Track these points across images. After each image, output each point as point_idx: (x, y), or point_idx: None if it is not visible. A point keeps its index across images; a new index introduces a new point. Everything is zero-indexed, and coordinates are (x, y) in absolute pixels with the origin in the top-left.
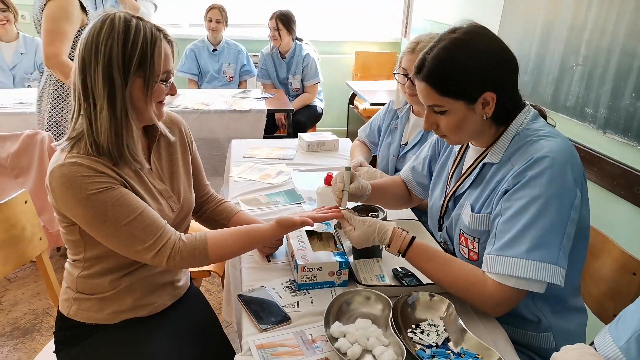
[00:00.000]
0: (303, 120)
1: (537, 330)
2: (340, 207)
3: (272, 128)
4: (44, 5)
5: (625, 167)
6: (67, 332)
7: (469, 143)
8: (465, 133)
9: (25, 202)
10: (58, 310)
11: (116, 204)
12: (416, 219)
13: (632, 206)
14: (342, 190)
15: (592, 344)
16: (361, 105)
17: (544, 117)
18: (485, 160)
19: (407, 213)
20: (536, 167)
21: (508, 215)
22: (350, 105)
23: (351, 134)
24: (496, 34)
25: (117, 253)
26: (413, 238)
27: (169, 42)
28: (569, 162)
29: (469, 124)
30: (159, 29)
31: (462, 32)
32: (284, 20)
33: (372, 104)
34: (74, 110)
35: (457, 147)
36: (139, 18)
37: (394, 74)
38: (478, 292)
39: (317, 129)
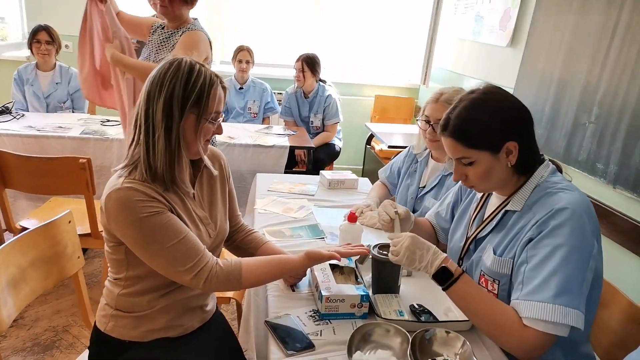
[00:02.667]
0: (322, 157)
1: None
2: (395, 233)
3: (292, 163)
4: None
5: (635, 222)
6: (102, 346)
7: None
8: (493, 181)
9: (69, 222)
10: (94, 325)
11: (164, 227)
12: None
13: None
14: (392, 219)
15: None
16: (377, 146)
17: (560, 171)
18: (507, 208)
19: None
20: (558, 218)
21: (534, 263)
22: (368, 146)
23: (367, 173)
24: (511, 90)
25: (156, 273)
26: (464, 270)
27: (224, 88)
28: (586, 214)
29: (495, 172)
30: (217, 76)
31: (479, 92)
32: (309, 63)
33: (390, 146)
34: (133, 138)
35: (479, 194)
36: (201, 64)
37: (417, 120)
38: (515, 334)
39: (334, 166)
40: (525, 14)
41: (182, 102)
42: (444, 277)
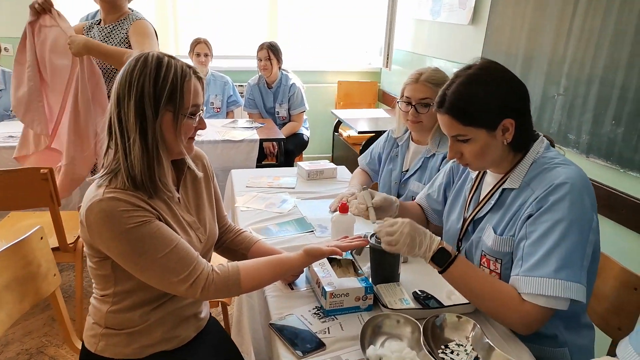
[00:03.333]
0: (291, 148)
1: (554, 345)
2: (371, 220)
3: (261, 156)
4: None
5: (609, 189)
6: None
7: (486, 170)
8: (488, 159)
9: (41, 238)
10: (83, 346)
11: (153, 236)
12: None
13: (617, 225)
14: (367, 208)
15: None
16: (345, 132)
17: (552, 145)
18: (504, 186)
19: None
20: (557, 193)
21: (534, 239)
22: (335, 133)
23: (337, 159)
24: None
25: (147, 286)
26: (459, 251)
27: (199, 79)
28: (585, 188)
29: (491, 150)
30: (189, 67)
31: (476, 67)
32: (274, 50)
33: (360, 132)
34: (108, 145)
35: (473, 174)
36: (170, 57)
37: (396, 102)
38: (514, 308)
39: (303, 155)
40: None
41: (154, 101)
42: (442, 259)
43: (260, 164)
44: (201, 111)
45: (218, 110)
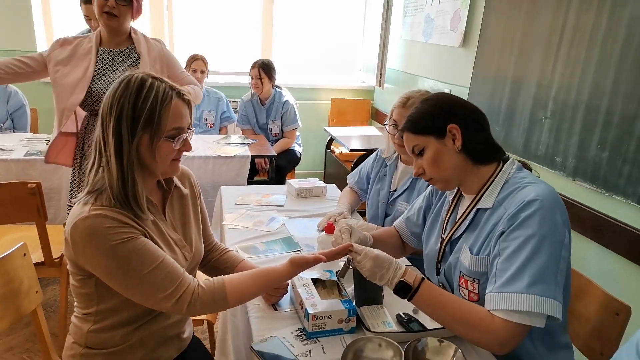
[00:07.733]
0: (283, 164)
1: None
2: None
3: (253, 172)
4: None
5: (595, 212)
6: None
7: (462, 193)
8: (445, 169)
9: (24, 255)
10: None
11: (139, 252)
12: (410, 264)
13: (601, 248)
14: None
15: None
16: (337, 149)
17: (529, 169)
18: (478, 206)
19: (402, 260)
20: (528, 209)
21: (506, 255)
22: (328, 150)
23: (329, 177)
24: (466, 89)
25: (130, 305)
26: (423, 278)
27: (185, 101)
28: (556, 204)
29: (444, 158)
30: (173, 88)
31: (430, 95)
32: (266, 69)
33: (351, 150)
34: (93, 162)
35: (450, 196)
36: (156, 78)
37: (384, 125)
38: (486, 329)
39: (295, 172)
40: (475, 14)
41: (132, 122)
42: (404, 290)
43: (251, 179)
44: (189, 131)
45: (211, 125)
